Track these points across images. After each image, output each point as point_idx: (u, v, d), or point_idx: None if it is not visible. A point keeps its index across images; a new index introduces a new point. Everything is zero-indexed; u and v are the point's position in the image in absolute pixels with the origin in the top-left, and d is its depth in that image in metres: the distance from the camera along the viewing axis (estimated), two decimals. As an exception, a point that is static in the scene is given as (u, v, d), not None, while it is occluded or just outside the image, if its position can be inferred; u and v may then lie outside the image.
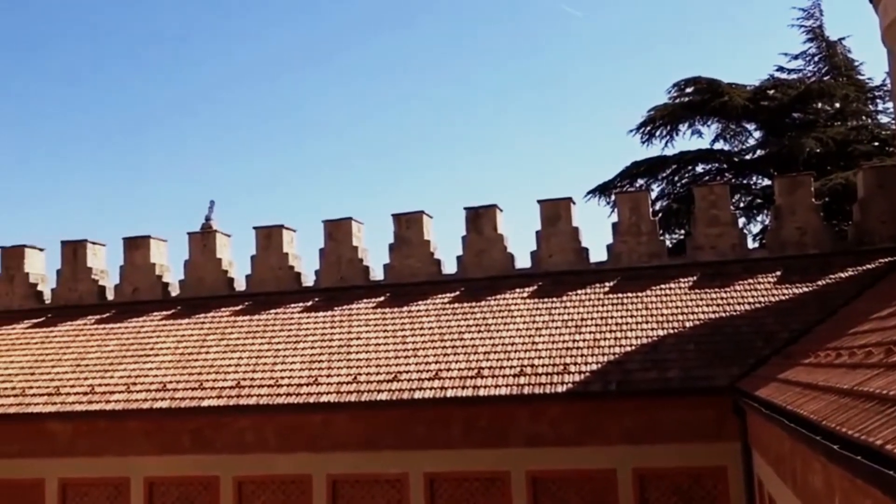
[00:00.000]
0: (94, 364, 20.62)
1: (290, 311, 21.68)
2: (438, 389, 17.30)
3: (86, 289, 23.75)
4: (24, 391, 19.97)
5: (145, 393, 19.07)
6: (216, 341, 20.80)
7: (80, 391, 19.60)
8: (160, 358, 20.40)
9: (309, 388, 18.23)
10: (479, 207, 21.85)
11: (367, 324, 20.49)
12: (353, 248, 22.46)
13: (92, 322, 22.75)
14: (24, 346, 22.10)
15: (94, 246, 24.16)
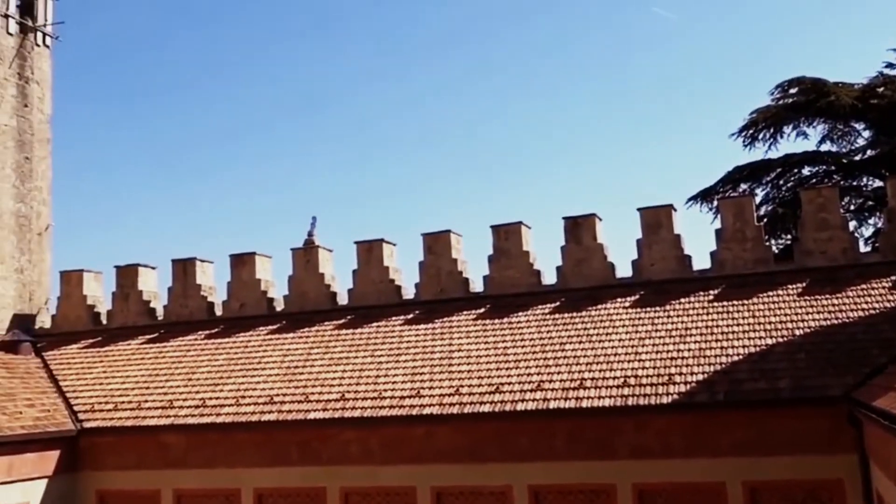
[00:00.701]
0: (204, 378, 21.27)
1: (392, 323, 21.91)
2: (541, 401, 17.22)
3: (196, 305, 24.51)
4: (139, 405, 20.73)
5: (254, 406, 19.56)
6: (320, 355, 21.18)
7: (192, 404, 20.24)
8: (267, 371, 20.90)
9: (412, 400, 18.39)
10: (577, 217, 21.68)
11: (468, 336, 20.54)
12: (453, 260, 22.56)
13: (202, 337, 23.46)
14: (139, 361, 22.95)
15: (202, 263, 24.92)
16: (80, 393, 21.85)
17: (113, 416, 20.61)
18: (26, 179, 26.71)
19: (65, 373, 23.05)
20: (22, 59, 27.07)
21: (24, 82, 27.04)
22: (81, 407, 21.17)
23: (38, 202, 27.06)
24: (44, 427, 19.83)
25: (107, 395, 21.46)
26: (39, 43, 27.79)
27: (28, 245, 26.59)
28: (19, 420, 19.57)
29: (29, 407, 20.49)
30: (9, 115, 26.34)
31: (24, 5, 27.56)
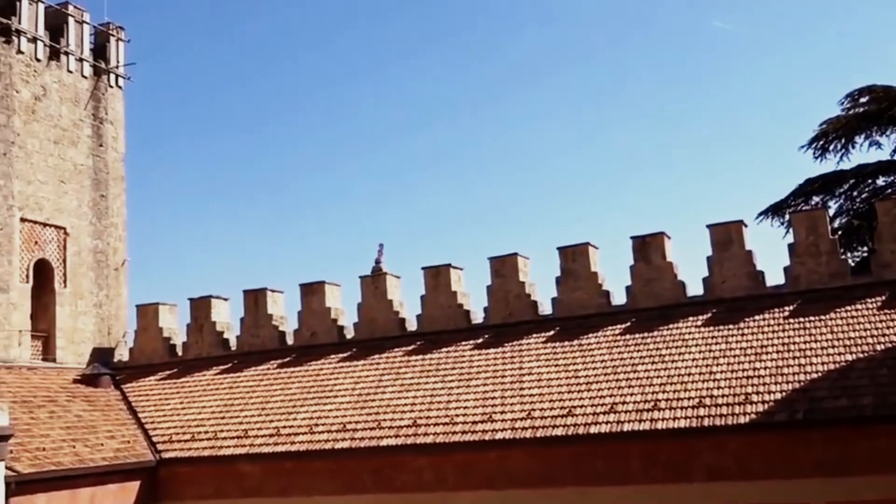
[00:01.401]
0: (278, 407, 21.52)
1: (461, 348, 21.91)
2: (615, 423, 17.02)
3: (267, 334, 24.86)
4: (216, 434, 21.06)
5: (327, 434, 19.71)
6: (391, 381, 21.27)
7: (266, 433, 20.49)
8: (339, 399, 21.06)
9: (483, 425, 18.34)
10: (645, 236, 21.47)
11: (538, 359, 20.43)
12: (520, 283, 22.51)
13: (275, 366, 23.76)
14: (214, 392, 23.34)
15: (273, 293, 25.29)
16: (159, 424, 22.29)
17: (190, 446, 20.98)
18: (102, 217, 27.52)
19: (143, 404, 23.56)
20: (96, 100, 27.97)
21: (98, 123, 27.91)
22: (160, 438, 21.59)
23: (114, 238, 27.83)
24: (124, 458, 20.28)
25: (184, 426, 21.86)
26: (112, 84, 28.70)
27: (105, 280, 27.33)
28: (101, 451, 20.05)
29: (110, 438, 20.99)
30: (85, 154, 27.21)
31: (98, 48, 28.51)
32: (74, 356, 25.70)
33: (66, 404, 22.11)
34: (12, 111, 24.99)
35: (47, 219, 25.61)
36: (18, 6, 25.68)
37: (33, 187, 25.28)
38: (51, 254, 25.70)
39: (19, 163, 24.94)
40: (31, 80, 25.77)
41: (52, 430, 20.23)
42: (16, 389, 21.46)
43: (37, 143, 25.63)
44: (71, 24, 27.41)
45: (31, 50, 25.89)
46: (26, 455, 18.32)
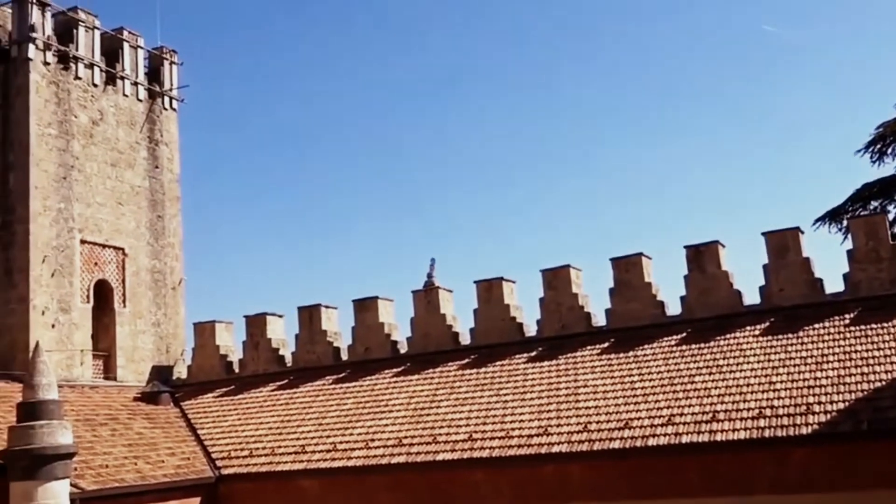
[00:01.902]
0: (334, 422, 21.66)
1: (515, 362, 21.85)
2: (672, 436, 16.82)
3: (322, 350, 25.05)
4: (273, 450, 21.26)
5: (383, 449, 19.78)
6: (446, 395, 21.29)
7: (323, 448, 20.63)
8: (395, 414, 21.13)
9: (539, 438, 18.26)
10: (699, 245, 21.24)
11: (593, 371, 20.30)
12: (573, 295, 22.40)
13: (330, 382, 23.93)
14: (271, 408, 23.57)
15: (327, 310, 25.49)
16: (217, 440, 22.57)
17: (249, 462, 21.20)
18: (159, 237, 28.03)
19: (202, 421, 23.87)
20: (151, 122, 28.55)
21: (154, 145, 28.48)
22: (219, 454, 21.86)
23: (170, 258, 28.33)
24: (185, 475, 20.56)
25: (242, 442, 22.10)
26: (167, 107, 29.28)
27: (163, 299, 27.82)
28: (162, 468, 20.36)
29: (170, 455, 21.31)
30: (141, 176, 27.77)
31: (152, 72, 29.12)
32: (135, 374, 26.19)
33: (127, 422, 22.51)
34: (71, 136, 25.62)
35: (106, 240, 26.17)
36: (76, 33, 26.36)
37: (92, 209, 25.86)
38: (110, 274, 26.24)
39: (79, 186, 25.55)
40: (88, 105, 26.40)
41: (114, 447, 20.60)
42: (79, 408, 21.90)
43: (95, 167, 26.23)
44: (126, 50, 28.05)
45: (89, 76, 26.54)
46: (90, 472, 18.68)
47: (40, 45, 25.17)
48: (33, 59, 24.93)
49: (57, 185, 24.93)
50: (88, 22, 26.88)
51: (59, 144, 25.20)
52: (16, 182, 24.46)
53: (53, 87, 25.43)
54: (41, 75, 25.14)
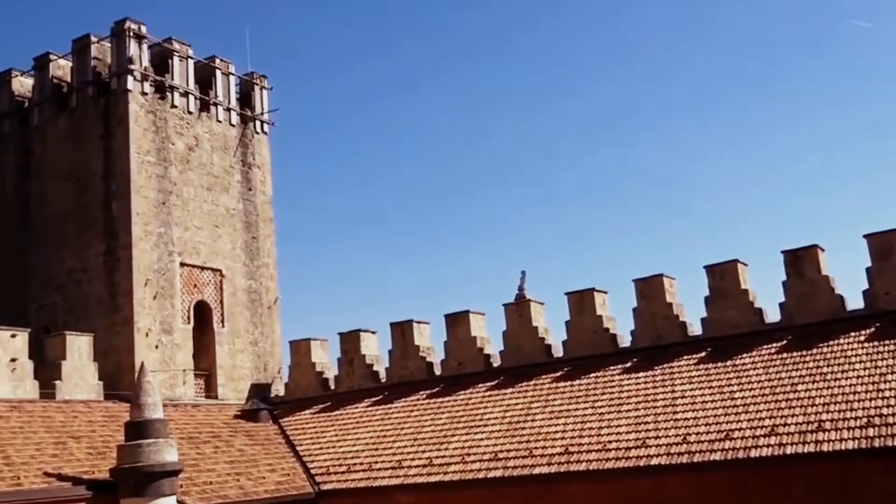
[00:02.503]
0: (430, 437, 21.76)
1: (610, 373, 21.59)
2: (776, 446, 16.36)
3: (416, 365, 25.21)
4: (370, 466, 21.48)
5: (479, 463, 19.77)
6: (541, 408, 21.16)
7: (419, 463, 20.73)
8: (490, 428, 21.10)
9: (637, 451, 17.99)
10: (798, 249, 20.65)
11: (691, 381, 19.91)
12: (667, 304, 22.03)
13: (424, 397, 24.05)
14: (367, 423, 23.82)
15: (419, 325, 25.65)
16: (316, 456, 22.91)
17: (347, 477, 21.45)
18: (254, 257, 28.71)
19: (300, 437, 24.28)
20: (244, 146, 29.31)
21: (246, 168, 29.23)
22: (318, 470, 22.18)
23: (266, 278, 28.98)
24: (286, 491, 20.94)
25: (340, 458, 22.39)
26: (258, 130, 30.02)
27: (260, 318, 28.45)
28: (263, 484, 20.78)
29: (270, 472, 21.73)
30: (236, 199, 28.51)
31: (243, 97, 29.92)
32: (234, 392, 26.82)
33: (229, 439, 23.05)
34: (169, 162, 26.50)
35: (204, 262, 26.94)
36: (171, 63, 27.29)
37: (190, 233, 26.66)
38: (209, 295, 26.98)
39: (177, 210, 26.37)
40: (184, 132, 27.27)
41: (217, 464, 21.12)
42: (182, 426, 22.52)
43: (192, 191, 27.05)
44: (218, 77, 28.90)
45: (184, 103, 27.42)
46: (195, 489, 19.19)
47: (138, 77, 26.12)
48: (132, 90, 25.90)
49: (157, 211, 25.79)
50: (182, 52, 27.80)
51: (157, 171, 26.08)
52: (118, 209, 25.39)
53: (151, 116, 26.35)
54: (139, 105, 26.08)
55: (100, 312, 25.10)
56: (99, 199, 25.82)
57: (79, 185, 26.37)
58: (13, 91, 28.76)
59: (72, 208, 26.38)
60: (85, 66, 26.99)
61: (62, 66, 27.97)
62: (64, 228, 26.37)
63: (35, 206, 27.27)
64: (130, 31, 26.31)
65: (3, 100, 28.85)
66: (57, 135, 27.28)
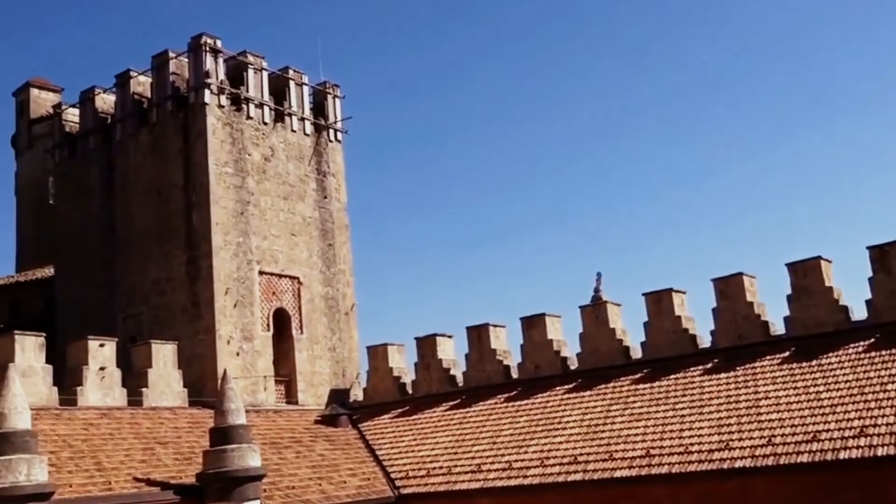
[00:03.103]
0: (508, 440, 21.72)
1: (690, 374, 21.25)
2: (867, 448, 15.90)
3: (492, 369, 25.17)
4: (450, 469, 21.53)
5: (559, 466, 19.68)
6: (620, 411, 20.94)
7: (499, 467, 20.72)
8: (569, 431, 20.97)
9: (721, 453, 17.69)
10: (884, 245, 20.03)
11: (774, 382, 19.47)
12: (748, 303, 21.59)
13: (502, 400, 24.00)
14: (445, 428, 23.88)
15: (495, 328, 25.62)
16: (395, 461, 23.07)
17: (427, 481, 21.55)
18: (331, 264, 29.06)
19: (379, 442, 24.47)
20: (318, 155, 29.70)
21: (321, 176, 29.61)
22: (397, 474, 22.33)
23: (342, 284, 29.30)
24: (366, 495, 21.14)
25: (419, 462, 22.50)
26: (332, 139, 30.39)
27: (337, 325, 28.78)
28: (344, 489, 21.01)
29: (351, 476, 21.96)
30: (312, 207, 28.91)
31: (316, 106, 30.33)
32: (314, 398, 27.17)
33: (309, 444, 23.37)
34: (246, 173, 27.01)
35: (282, 270, 27.37)
36: (245, 76, 27.81)
37: (268, 241, 27.12)
38: (287, 302, 27.39)
39: (255, 220, 26.86)
40: (260, 143, 27.77)
41: (299, 469, 21.42)
42: (264, 431, 22.90)
43: (269, 201, 27.52)
44: (292, 87, 29.34)
45: (259, 115, 27.92)
46: (278, 493, 19.50)
47: (214, 90, 26.69)
48: (209, 103, 26.47)
49: (235, 221, 26.30)
50: (256, 64, 28.31)
51: (235, 182, 26.60)
52: (199, 220, 25.96)
53: (228, 129, 26.89)
54: (217, 118, 26.64)
55: (183, 321, 25.69)
56: (180, 210, 26.45)
57: (160, 197, 27.05)
58: (97, 108, 29.64)
59: (154, 220, 27.06)
60: (164, 82, 27.69)
61: (142, 83, 28.73)
62: (147, 240, 27.08)
63: (119, 220, 28.07)
64: (206, 45, 26.89)
65: (88, 117, 29.77)
66: (139, 149, 28.04)
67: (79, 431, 19.31)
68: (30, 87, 36.82)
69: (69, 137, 30.56)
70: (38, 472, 14.84)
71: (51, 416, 19.33)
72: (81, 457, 18.18)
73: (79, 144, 30.01)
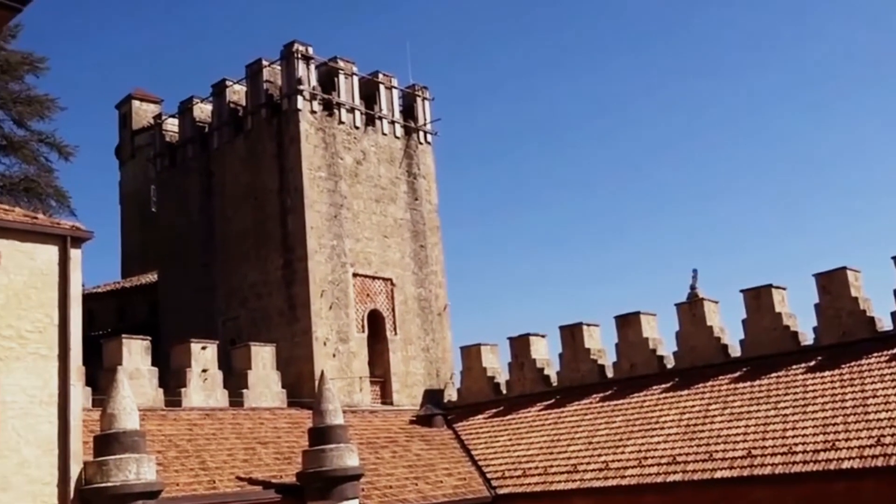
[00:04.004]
0: (605, 440, 21.50)
1: (792, 373, 20.66)
2: (984, 448, 15.19)
3: (587, 368, 24.95)
4: (546, 470, 21.44)
5: (657, 467, 19.38)
6: (719, 410, 20.51)
7: (595, 467, 20.54)
8: (666, 431, 20.64)
9: (827, 453, 17.16)
10: None
11: (883, 379, 18.77)
12: (853, 298, 20.86)
13: (597, 400, 23.76)
14: (540, 428, 23.78)
15: (588, 328, 25.39)
16: (491, 461, 23.08)
17: (523, 482, 21.51)
18: (423, 266, 29.27)
19: (474, 442, 24.52)
20: (408, 157, 29.95)
21: (412, 178, 29.84)
22: (493, 474, 22.34)
23: (434, 285, 29.48)
24: (463, 495, 21.22)
25: (514, 462, 22.46)
26: (422, 141, 30.60)
27: (430, 325, 28.96)
28: (441, 489, 21.13)
29: (448, 476, 22.07)
30: (403, 209, 29.17)
31: (406, 109, 30.59)
32: (409, 398, 27.39)
33: (405, 444, 23.58)
34: (339, 177, 27.42)
35: (375, 272, 27.69)
36: (336, 81, 28.25)
37: (361, 244, 27.48)
38: (381, 304, 27.70)
39: (348, 223, 27.25)
40: (352, 147, 28.16)
41: (395, 469, 21.65)
42: (360, 431, 23.21)
43: (361, 204, 27.88)
44: (382, 91, 29.66)
45: (350, 119, 28.32)
46: (376, 493, 19.74)
47: (307, 96, 27.18)
48: (302, 109, 26.96)
49: (329, 224, 26.73)
50: (347, 69, 28.71)
51: (328, 186, 27.03)
52: (294, 224, 26.48)
53: (321, 134, 27.35)
54: (309, 123, 27.12)
55: (280, 323, 26.23)
56: (275, 215, 27.02)
57: (256, 202, 27.69)
58: (194, 117, 30.53)
59: (251, 225, 27.72)
60: (258, 90, 28.33)
61: (237, 91, 29.46)
62: (245, 245, 27.75)
63: (218, 225, 28.84)
64: (298, 52, 27.40)
65: (186, 126, 30.69)
66: (235, 156, 28.76)
67: (183, 432, 19.92)
68: (131, 100, 38.25)
69: (169, 147, 31.58)
70: (147, 470, 15.34)
71: (157, 417, 19.99)
72: (187, 456, 18.75)
73: (178, 153, 30.97)
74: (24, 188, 33.34)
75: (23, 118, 34.10)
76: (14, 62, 33.17)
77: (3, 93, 33.36)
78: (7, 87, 33.47)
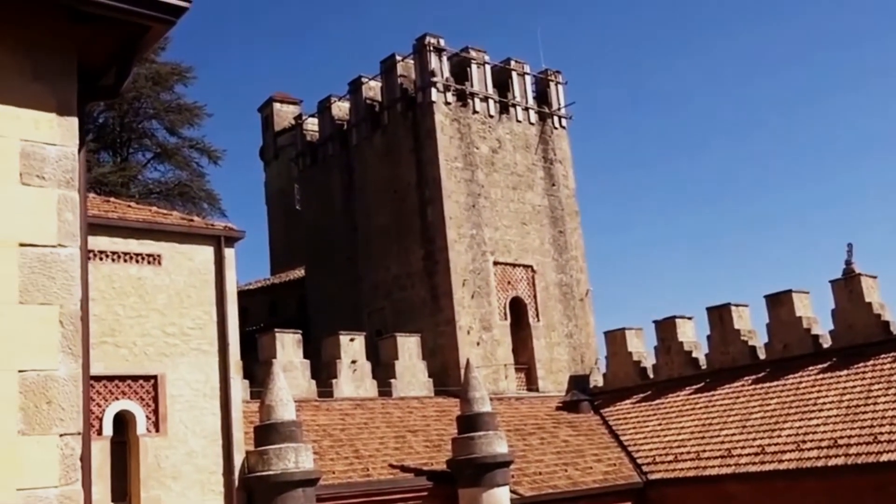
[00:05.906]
0: (759, 424, 20.84)
1: (964, 349, 19.46)
2: None
3: (737, 350, 24.22)
4: (698, 454, 20.98)
5: (817, 450, 18.66)
6: (883, 390, 19.53)
7: (750, 452, 19.94)
8: (825, 413, 19.82)
9: None
10: None
11: None
12: None
13: (749, 382, 23.04)
14: (690, 412, 23.27)
15: (737, 308, 24.60)
16: (640, 446, 22.77)
17: (674, 467, 21.13)
18: (563, 251, 29.10)
19: (622, 427, 24.24)
20: (544, 143, 29.81)
21: (548, 164, 29.70)
22: (644, 459, 22.04)
23: (575, 270, 29.27)
24: (613, 480, 21.04)
25: (665, 447, 22.08)
26: (556, 126, 30.40)
27: (573, 311, 28.78)
28: (591, 474, 21.01)
29: (597, 462, 21.91)
30: (540, 196, 29.07)
31: (539, 95, 30.44)
32: (554, 385, 27.34)
33: (553, 430, 23.55)
34: (475, 166, 27.59)
35: (515, 259, 27.73)
36: (469, 71, 28.41)
37: (500, 232, 27.56)
38: (522, 291, 27.73)
39: (486, 212, 27.39)
40: (487, 136, 28.26)
41: (544, 455, 21.66)
42: (508, 419, 23.32)
43: (498, 192, 27.96)
44: (514, 78, 29.63)
45: (484, 108, 28.43)
46: (526, 479, 19.83)
47: (440, 88, 27.45)
48: (436, 101, 27.26)
49: (467, 214, 26.94)
50: (479, 59, 28.81)
51: (465, 176, 27.24)
52: (433, 215, 26.83)
53: (455, 125, 27.58)
54: (444, 115, 27.39)
55: (424, 314, 26.65)
56: (415, 207, 27.45)
57: (396, 196, 28.19)
58: (333, 116, 31.34)
59: (391, 219, 28.26)
60: (393, 85, 28.81)
61: (373, 87, 30.04)
62: (386, 238, 28.32)
63: (360, 220, 29.55)
64: (430, 45, 27.69)
65: (325, 125, 31.55)
66: (373, 151, 29.37)
67: (336, 421, 20.54)
68: (273, 102, 39.60)
69: (310, 146, 32.56)
70: (305, 459, 15.91)
71: (311, 408, 20.68)
72: (341, 445, 19.34)
73: (319, 151, 31.88)
74: (178, 192, 35.18)
75: (174, 126, 36.00)
76: (164, 73, 34.99)
77: (156, 103, 35.25)
78: (159, 97, 35.34)
